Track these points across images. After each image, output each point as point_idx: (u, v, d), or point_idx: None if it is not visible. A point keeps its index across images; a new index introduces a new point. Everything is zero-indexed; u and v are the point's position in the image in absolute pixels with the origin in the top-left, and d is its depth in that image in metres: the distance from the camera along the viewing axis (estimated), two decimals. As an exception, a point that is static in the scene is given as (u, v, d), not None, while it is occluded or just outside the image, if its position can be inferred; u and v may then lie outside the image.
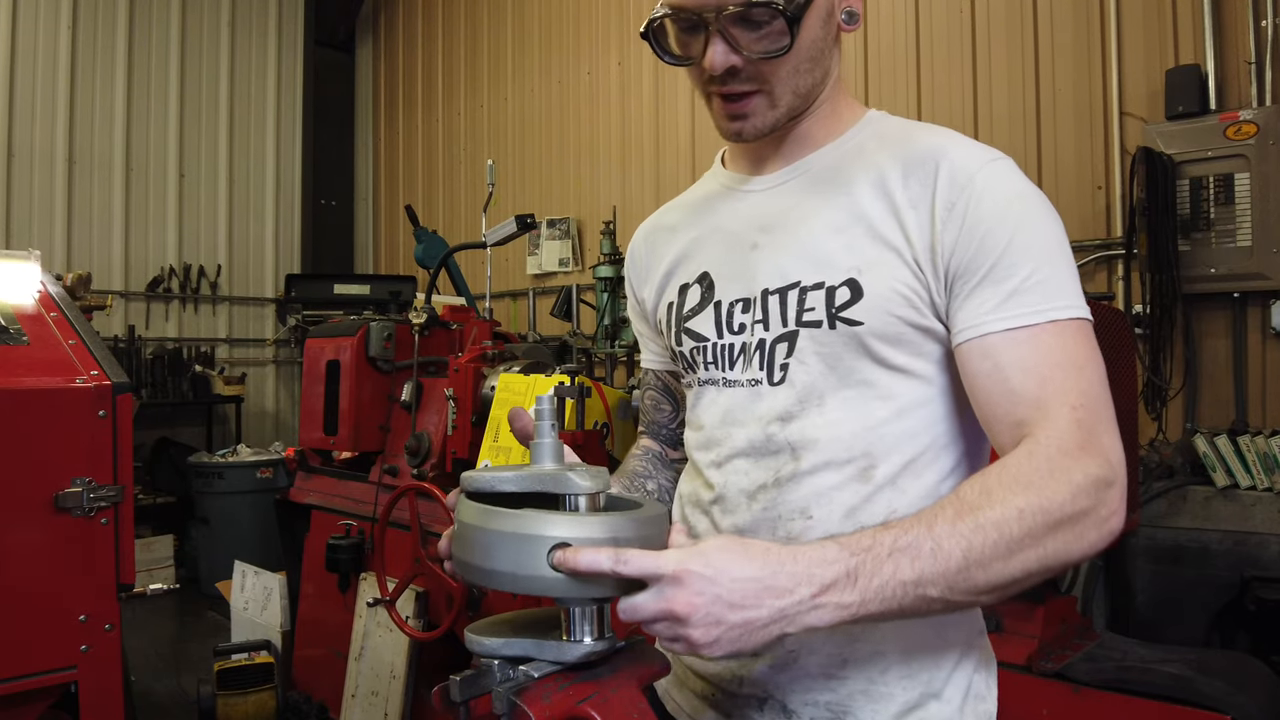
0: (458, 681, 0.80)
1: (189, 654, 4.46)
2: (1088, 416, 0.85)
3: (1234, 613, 2.92)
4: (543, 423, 0.87)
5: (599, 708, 0.78)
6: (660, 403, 1.27)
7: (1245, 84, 3.33)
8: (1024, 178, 0.94)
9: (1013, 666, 1.98)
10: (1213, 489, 3.06)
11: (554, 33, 6.20)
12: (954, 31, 4.17)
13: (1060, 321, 0.87)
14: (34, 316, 1.88)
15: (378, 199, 7.87)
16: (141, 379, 6.27)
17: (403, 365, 3.29)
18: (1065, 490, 0.81)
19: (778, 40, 0.93)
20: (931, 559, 0.77)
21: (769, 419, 0.99)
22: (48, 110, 6.21)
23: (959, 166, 0.92)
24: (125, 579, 1.73)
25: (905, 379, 0.95)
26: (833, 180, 1.01)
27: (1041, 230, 0.90)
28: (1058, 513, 0.80)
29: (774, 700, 0.98)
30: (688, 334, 1.09)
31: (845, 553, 0.77)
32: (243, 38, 7.22)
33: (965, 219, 0.90)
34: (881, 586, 0.76)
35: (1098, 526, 0.83)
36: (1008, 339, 0.87)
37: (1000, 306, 0.88)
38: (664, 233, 1.19)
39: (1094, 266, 3.73)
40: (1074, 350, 0.87)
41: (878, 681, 0.96)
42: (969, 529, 0.78)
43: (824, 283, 0.96)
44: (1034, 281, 0.88)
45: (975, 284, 0.90)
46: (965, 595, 0.79)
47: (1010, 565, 0.79)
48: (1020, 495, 0.80)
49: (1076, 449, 0.83)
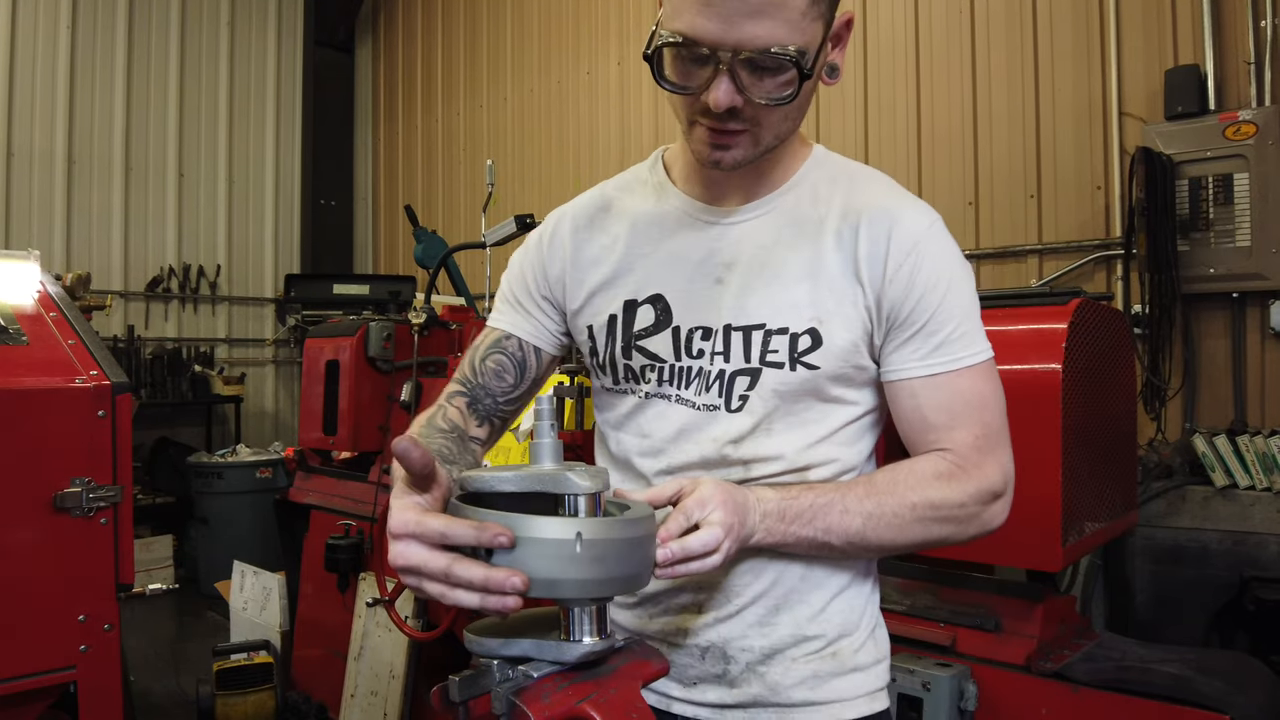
0: (457, 681, 0.80)
1: (188, 654, 4.46)
2: (985, 442, 1.07)
3: (1233, 613, 2.92)
4: (542, 423, 0.87)
5: (598, 707, 0.79)
6: (505, 372, 1.21)
7: (1244, 84, 3.33)
8: (950, 239, 1.10)
9: (1011, 666, 1.98)
10: (1212, 489, 3.06)
11: (553, 32, 6.20)
12: (953, 32, 4.17)
13: (972, 366, 1.07)
14: (33, 316, 1.88)
15: (377, 199, 7.87)
16: (141, 379, 6.27)
17: (402, 365, 3.29)
18: (958, 496, 1.04)
19: (784, 88, 0.96)
20: (839, 517, 1.02)
21: (724, 441, 1.10)
22: (47, 110, 6.21)
23: (907, 231, 1.07)
24: (124, 579, 1.73)
25: (842, 406, 1.11)
26: (797, 225, 1.10)
27: (965, 290, 1.09)
28: (945, 510, 1.04)
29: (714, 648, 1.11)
30: (640, 351, 1.13)
31: (779, 495, 1.01)
32: (242, 38, 7.22)
33: (910, 279, 1.06)
34: (800, 527, 1.00)
35: (980, 526, 1.07)
36: (929, 383, 1.07)
37: (928, 355, 1.07)
38: (602, 235, 1.19)
39: (1093, 266, 3.73)
40: (980, 389, 1.08)
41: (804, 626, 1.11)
42: (872, 505, 1.02)
43: (788, 329, 1.07)
44: (957, 335, 1.07)
45: (910, 335, 1.07)
46: (858, 551, 1.05)
47: (898, 538, 1.04)
48: (917, 492, 1.03)
49: (973, 466, 1.06)
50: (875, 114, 4.44)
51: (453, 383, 1.21)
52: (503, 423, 1.24)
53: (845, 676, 1.11)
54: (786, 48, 0.92)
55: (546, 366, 1.26)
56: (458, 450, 1.09)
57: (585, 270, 1.18)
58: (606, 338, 1.16)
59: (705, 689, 1.11)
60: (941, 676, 1.94)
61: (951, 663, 2.00)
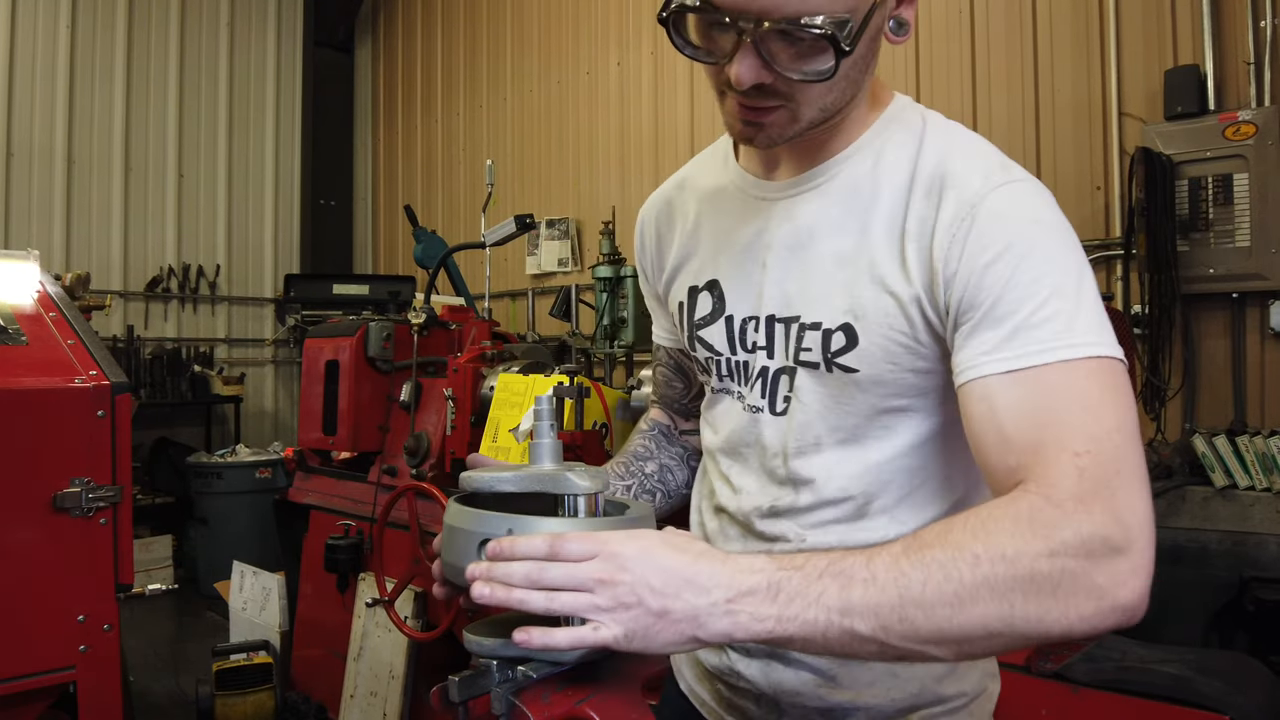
0: (456, 682, 0.80)
1: (187, 654, 4.46)
2: (1094, 465, 0.72)
3: (1233, 613, 2.92)
4: (542, 423, 0.87)
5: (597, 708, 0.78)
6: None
7: (1244, 84, 3.33)
8: (1040, 202, 0.85)
9: (1011, 666, 1.98)
10: (1211, 489, 3.06)
11: (553, 33, 6.20)
12: (953, 31, 4.17)
13: (1072, 361, 0.77)
14: (33, 316, 1.88)
15: (377, 199, 7.86)
16: (140, 379, 6.26)
17: (402, 365, 3.29)
18: (1042, 544, 0.69)
19: (819, 62, 0.80)
20: (863, 589, 0.70)
21: (772, 451, 0.97)
22: (47, 110, 6.20)
23: (965, 193, 0.84)
24: (124, 579, 1.72)
25: (904, 417, 0.91)
26: (848, 200, 0.92)
27: (1052, 260, 0.81)
28: (1027, 567, 0.69)
29: (766, 698, 0.99)
30: (701, 343, 1.05)
31: (773, 565, 0.73)
32: (242, 38, 7.21)
33: (965, 252, 0.82)
34: (804, 608, 0.70)
35: (1094, 598, 0.70)
36: (1006, 381, 0.78)
37: (1000, 346, 0.79)
38: (679, 217, 1.11)
39: (1093, 266, 3.72)
40: (1087, 391, 0.76)
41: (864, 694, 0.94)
42: (911, 564, 0.70)
43: (820, 324, 0.91)
44: (1040, 317, 0.78)
45: (977, 321, 0.81)
46: (904, 641, 0.70)
47: (961, 616, 0.69)
48: (981, 540, 0.70)
49: (1072, 500, 0.71)
50: (875, 114, 4.43)
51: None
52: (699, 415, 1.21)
53: None
54: (816, 18, 0.76)
55: None
56: (655, 447, 1.21)
57: (665, 256, 1.12)
58: (681, 328, 1.09)
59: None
60: (941, 677, 1.94)
61: (951, 663, 1.99)
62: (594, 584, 0.72)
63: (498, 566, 0.74)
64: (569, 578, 0.72)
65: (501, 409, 2.81)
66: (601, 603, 0.71)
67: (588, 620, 0.72)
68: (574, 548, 0.73)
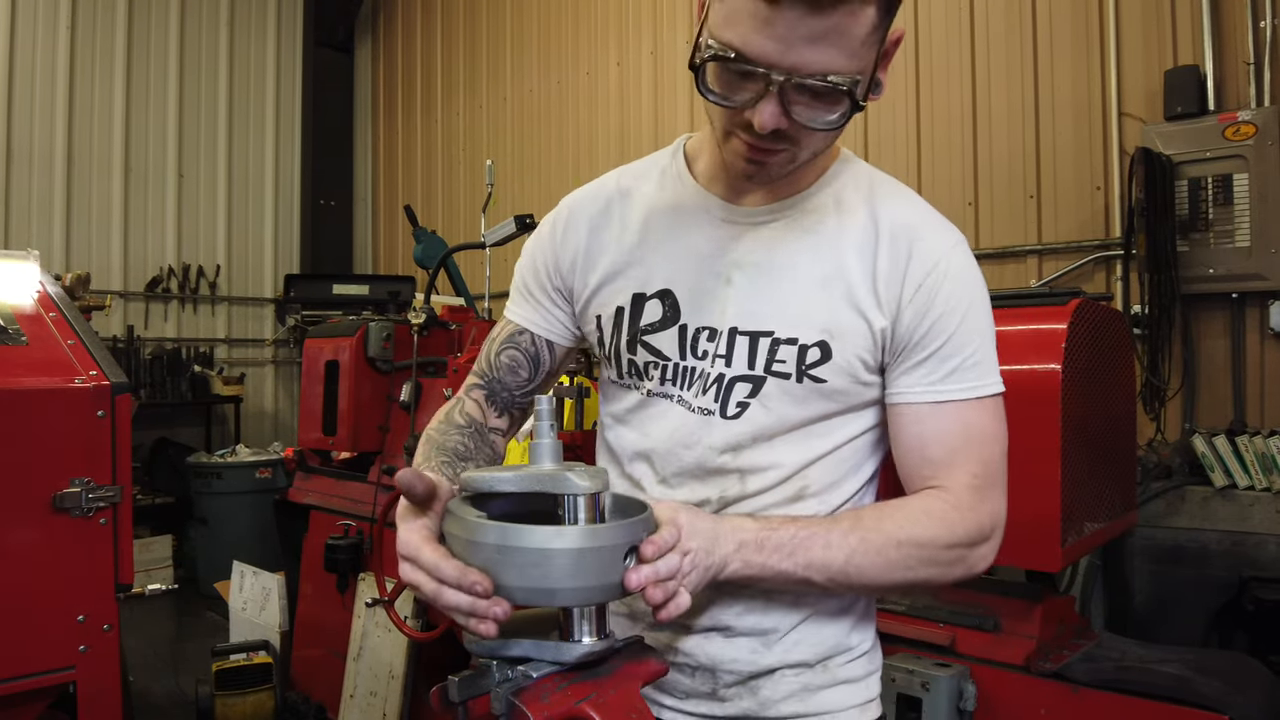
0: (456, 682, 0.80)
1: (187, 654, 4.46)
2: (983, 482, 1.02)
3: (1232, 613, 2.92)
4: (542, 423, 0.87)
5: (598, 708, 0.79)
6: (520, 366, 1.21)
7: (1244, 85, 3.33)
8: (974, 261, 1.06)
9: (1011, 666, 1.98)
10: (1211, 489, 3.06)
11: (553, 33, 6.20)
12: (953, 32, 4.17)
13: (983, 399, 1.03)
14: (33, 316, 1.88)
15: (377, 199, 7.86)
16: (140, 379, 6.27)
17: (402, 365, 3.29)
18: (946, 537, 1.00)
19: (832, 113, 0.91)
20: (822, 552, 0.96)
21: (721, 449, 1.07)
22: (46, 110, 6.21)
23: (929, 250, 1.03)
24: (124, 579, 1.72)
25: (844, 420, 1.08)
26: (816, 231, 1.06)
27: (983, 315, 1.05)
28: (932, 552, 1.00)
29: (703, 670, 1.10)
30: (645, 347, 1.10)
31: (758, 525, 0.96)
32: (242, 38, 7.22)
33: (929, 301, 1.02)
34: (780, 560, 0.95)
35: (965, 569, 1.03)
36: (934, 410, 1.03)
37: (938, 381, 1.02)
38: (617, 223, 1.14)
39: (1092, 267, 3.73)
40: (986, 426, 1.04)
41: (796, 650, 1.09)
42: (856, 540, 0.97)
43: (797, 339, 1.04)
44: (972, 361, 1.03)
45: (923, 358, 1.03)
46: (842, 588, 1.01)
47: (884, 577, 0.99)
48: (905, 530, 0.99)
49: (967, 507, 1.01)
50: (875, 114, 4.43)
51: (471, 374, 1.25)
52: (522, 413, 1.25)
53: (835, 688, 1.10)
54: (841, 77, 0.87)
55: (561, 359, 1.24)
56: (474, 445, 1.14)
57: (595, 259, 1.14)
58: (613, 330, 1.12)
59: (695, 703, 1.11)
60: (940, 676, 1.94)
61: (950, 663, 2.00)
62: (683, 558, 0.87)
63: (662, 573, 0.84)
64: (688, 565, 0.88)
65: (501, 409, 2.81)
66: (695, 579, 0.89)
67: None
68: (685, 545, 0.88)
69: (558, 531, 0.79)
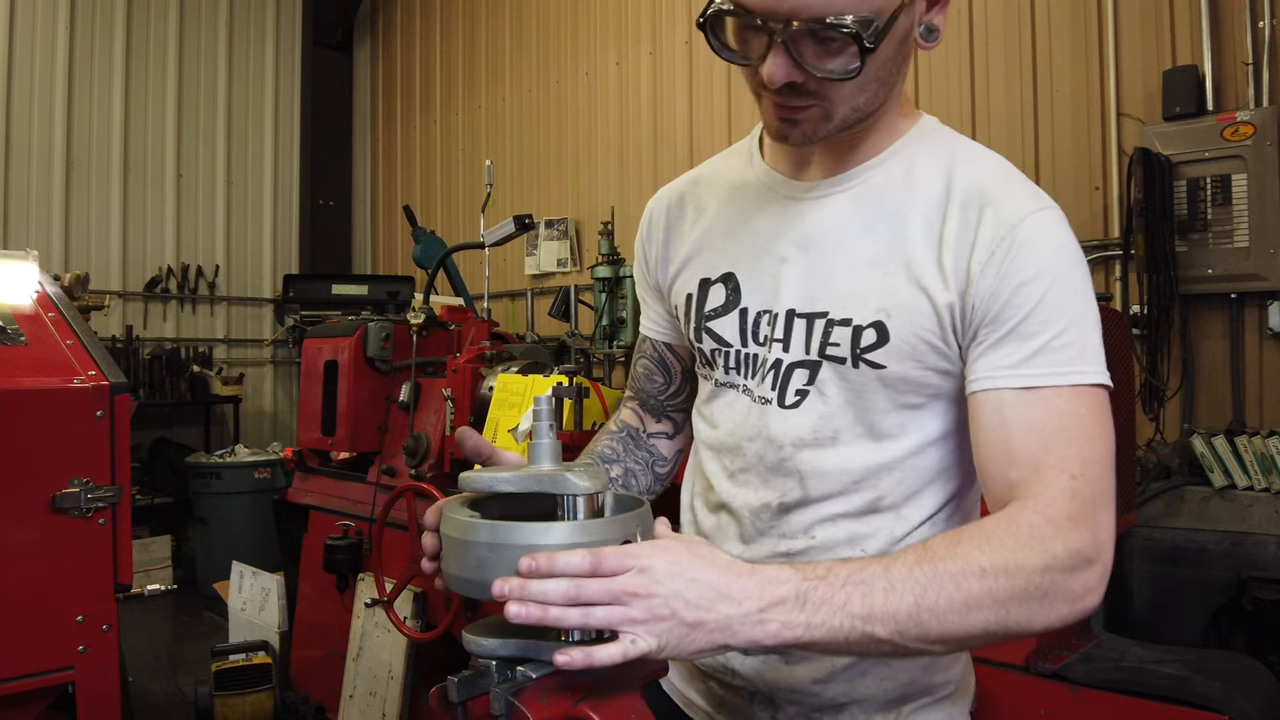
0: (455, 682, 0.79)
1: (186, 655, 4.46)
2: (1085, 488, 0.83)
3: (1231, 613, 2.92)
4: (541, 423, 0.87)
5: (597, 708, 0.78)
6: (653, 373, 1.23)
7: (1242, 85, 3.33)
8: (1067, 230, 0.92)
9: (1010, 666, 1.98)
10: (1210, 489, 3.06)
11: (552, 33, 6.20)
12: (952, 32, 4.17)
13: (1080, 387, 0.86)
14: (31, 317, 1.88)
15: (376, 199, 7.86)
16: (139, 379, 6.26)
17: (401, 366, 3.29)
18: (1039, 560, 0.79)
19: (847, 61, 0.84)
20: (883, 597, 0.76)
21: (782, 443, 0.98)
22: (45, 110, 6.20)
23: (1004, 214, 0.90)
24: (123, 579, 1.72)
25: (918, 415, 0.95)
26: (879, 204, 0.97)
27: (1075, 290, 0.89)
28: (1024, 580, 0.79)
29: (761, 695, 1.02)
30: (709, 334, 1.06)
31: (799, 576, 0.77)
32: (240, 38, 7.21)
33: (1002, 269, 0.88)
34: (830, 615, 0.76)
35: (1069, 602, 0.81)
36: (1021, 397, 0.86)
37: (1022, 363, 0.86)
38: (692, 211, 1.13)
39: (1091, 267, 3.73)
40: (1087, 419, 0.85)
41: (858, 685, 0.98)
42: (926, 575, 0.78)
43: (851, 320, 0.94)
44: (1062, 342, 0.86)
45: (1001, 335, 0.88)
46: (916, 642, 0.78)
47: (967, 621, 0.78)
48: (988, 554, 0.79)
49: (1065, 520, 0.81)
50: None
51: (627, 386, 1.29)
52: (684, 416, 1.23)
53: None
54: (844, 18, 0.80)
55: (687, 357, 1.20)
56: (623, 449, 1.19)
57: (674, 251, 1.13)
58: (685, 319, 1.10)
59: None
60: (940, 677, 1.94)
61: (950, 663, 1.99)
62: (628, 598, 0.73)
63: (533, 584, 0.74)
64: (605, 592, 0.73)
65: (500, 409, 2.81)
66: (636, 615, 0.74)
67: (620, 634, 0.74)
68: (611, 563, 0.74)
69: (546, 528, 0.79)
